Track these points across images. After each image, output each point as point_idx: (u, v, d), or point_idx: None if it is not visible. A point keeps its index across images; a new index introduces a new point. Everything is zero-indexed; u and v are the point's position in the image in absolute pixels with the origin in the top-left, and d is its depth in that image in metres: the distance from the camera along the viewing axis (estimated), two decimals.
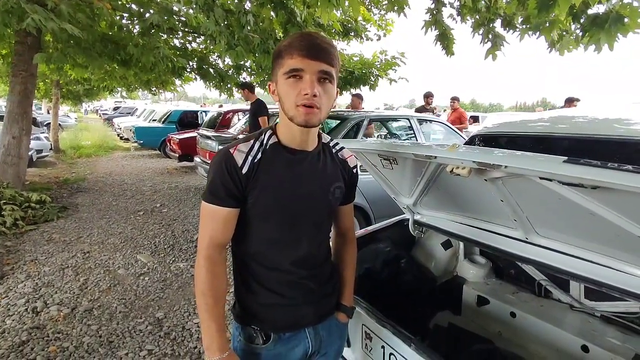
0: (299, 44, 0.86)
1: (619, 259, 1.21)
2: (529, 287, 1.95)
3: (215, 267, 0.94)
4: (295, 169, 0.98)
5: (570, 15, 2.41)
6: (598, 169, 0.79)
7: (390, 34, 7.35)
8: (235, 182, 0.91)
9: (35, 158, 7.97)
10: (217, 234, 0.94)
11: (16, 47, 5.04)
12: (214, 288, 0.93)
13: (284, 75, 0.88)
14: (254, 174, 0.93)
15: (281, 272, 1.00)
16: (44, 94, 11.54)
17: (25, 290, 2.92)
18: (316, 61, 0.86)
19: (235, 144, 0.96)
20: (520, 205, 1.29)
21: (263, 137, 0.98)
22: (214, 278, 0.93)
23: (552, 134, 1.96)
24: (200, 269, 0.94)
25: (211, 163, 0.96)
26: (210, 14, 4.17)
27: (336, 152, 1.11)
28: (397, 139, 4.87)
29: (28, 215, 4.54)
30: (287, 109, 0.90)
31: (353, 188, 1.20)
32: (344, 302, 1.18)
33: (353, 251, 1.26)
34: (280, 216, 0.97)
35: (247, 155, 0.93)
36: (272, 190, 0.95)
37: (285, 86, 0.89)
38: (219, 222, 0.93)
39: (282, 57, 0.89)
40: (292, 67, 0.86)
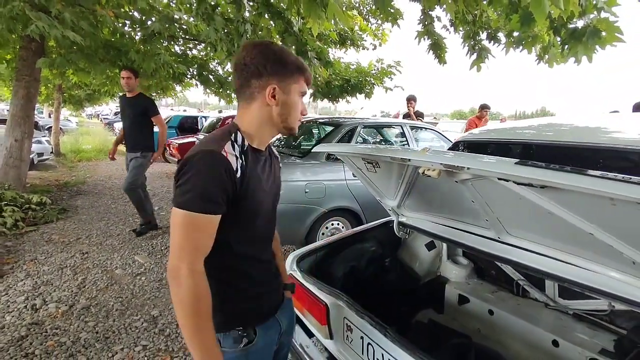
0: (307, 69, 1.04)
1: (580, 256, 1.31)
2: (508, 287, 2.04)
3: (204, 280, 0.88)
4: (264, 169, 1.05)
5: (551, 29, 2.53)
6: (542, 169, 0.89)
7: (387, 43, 7.51)
8: (231, 187, 0.89)
9: (36, 161, 8.07)
10: (205, 244, 0.89)
11: (20, 52, 5.17)
12: (208, 304, 0.87)
13: (299, 92, 1.02)
14: (243, 177, 0.92)
15: (262, 262, 1.09)
16: (45, 98, 11.67)
17: (25, 289, 3.00)
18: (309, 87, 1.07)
19: (221, 146, 0.90)
20: (489, 205, 1.39)
21: (234, 138, 0.95)
22: (207, 293, 0.87)
23: (534, 141, 2.05)
24: (188, 287, 0.84)
25: (199, 166, 0.86)
26: (211, 22, 4.30)
27: (271, 149, 1.18)
28: (391, 145, 4.98)
29: (28, 217, 4.62)
30: (292, 120, 1.02)
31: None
32: (286, 281, 1.29)
33: (278, 238, 1.34)
34: (262, 214, 1.03)
35: (237, 158, 0.91)
36: (257, 191, 0.98)
37: (297, 102, 1.02)
38: (208, 231, 0.88)
39: (300, 75, 1.01)
40: (305, 90, 1.03)
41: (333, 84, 7.23)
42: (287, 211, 3.41)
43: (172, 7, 5.34)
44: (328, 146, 2.29)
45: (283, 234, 3.58)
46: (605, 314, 1.67)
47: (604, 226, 1.03)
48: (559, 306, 1.82)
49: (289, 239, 3.67)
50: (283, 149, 4.41)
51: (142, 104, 4.17)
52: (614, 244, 1.05)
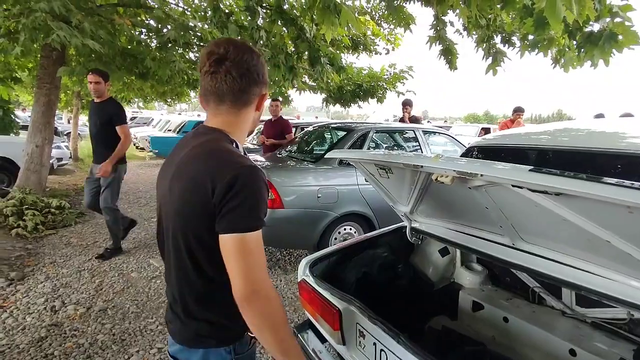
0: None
1: (598, 264, 1.28)
2: (523, 294, 2.01)
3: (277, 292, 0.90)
4: None
5: (566, 33, 2.50)
6: (557, 177, 0.89)
7: (399, 48, 7.51)
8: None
9: (55, 166, 8.27)
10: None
11: (42, 61, 5.33)
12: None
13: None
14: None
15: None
16: (65, 105, 11.99)
17: (45, 290, 3.08)
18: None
19: (247, 158, 0.90)
20: (503, 212, 1.38)
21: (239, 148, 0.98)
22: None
23: (549, 146, 2.03)
24: (276, 301, 0.84)
25: (252, 185, 0.84)
26: (224, 29, 4.38)
27: None
28: (404, 150, 4.96)
29: (48, 220, 4.75)
30: (254, 127, 1.07)
31: None
32: None
33: None
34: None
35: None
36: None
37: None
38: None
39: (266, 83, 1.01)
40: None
41: (345, 88, 7.26)
42: (300, 216, 3.43)
43: (187, 15, 5.45)
44: (340, 152, 2.30)
45: (295, 239, 3.63)
46: (624, 323, 1.63)
47: (621, 234, 1.02)
48: (576, 314, 1.79)
49: (301, 243, 3.69)
50: (296, 154, 4.44)
51: (108, 111, 3.67)
52: (632, 251, 1.03)
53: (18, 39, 3.92)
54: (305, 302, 1.73)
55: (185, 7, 5.80)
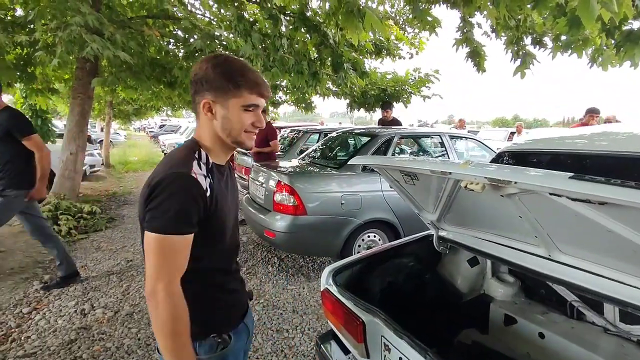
0: (257, 82, 0.97)
1: None
2: (560, 308, 1.89)
3: (181, 302, 0.88)
4: (227, 183, 1.08)
5: (604, 32, 2.37)
6: (602, 185, 0.81)
7: (424, 51, 7.40)
8: (203, 207, 0.92)
9: (88, 172, 8.63)
10: (182, 264, 0.90)
11: (76, 72, 5.58)
12: (186, 324, 0.88)
13: (242, 107, 0.96)
14: (212, 195, 0.95)
15: (232, 272, 1.13)
16: (98, 114, 12.51)
17: (76, 294, 3.17)
18: (264, 99, 1.01)
19: (189, 167, 0.92)
20: (539, 221, 1.29)
21: (198, 156, 0.98)
22: (184, 313, 0.88)
23: (589, 151, 1.90)
24: (166, 309, 0.84)
25: (173, 189, 0.87)
26: (249, 38, 4.44)
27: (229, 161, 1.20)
28: (429, 156, 4.85)
29: (80, 225, 4.93)
30: (236, 134, 0.99)
31: None
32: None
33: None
34: (230, 228, 1.07)
35: (204, 178, 0.94)
36: (224, 207, 1.01)
37: (239, 116, 0.97)
38: (184, 252, 0.90)
39: (239, 88, 0.95)
40: (252, 102, 0.97)
41: (369, 93, 7.21)
42: (323, 223, 3.39)
43: (213, 25, 5.57)
44: (364, 159, 2.26)
45: (318, 246, 3.59)
46: None
47: None
48: (620, 331, 1.66)
49: (325, 251, 3.65)
50: (319, 160, 4.42)
51: (3, 123, 2.83)
52: None
53: (55, 52, 4.11)
54: (329, 312, 1.69)
55: (212, 17, 5.93)
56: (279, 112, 8.38)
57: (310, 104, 7.50)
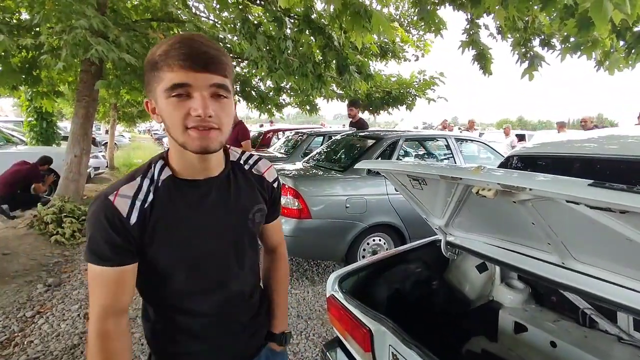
0: (180, 53, 0.67)
1: None
2: (572, 316, 1.84)
3: (112, 345, 0.74)
4: (201, 205, 0.81)
5: (614, 33, 2.33)
6: (624, 192, 0.78)
7: (429, 54, 7.37)
8: (123, 237, 0.73)
9: (93, 175, 8.64)
10: (110, 300, 0.75)
11: (81, 75, 5.59)
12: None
13: (165, 93, 0.69)
14: (147, 222, 0.75)
15: (204, 316, 0.87)
16: (102, 116, 12.57)
17: (79, 297, 3.15)
18: (206, 73, 0.69)
19: (116, 188, 0.76)
20: (552, 228, 1.26)
21: (152, 171, 0.79)
22: (115, 356, 0.74)
23: (597, 155, 1.88)
24: (90, 348, 0.73)
25: (88, 214, 0.76)
26: (253, 41, 4.43)
27: (250, 169, 0.94)
28: (435, 159, 4.81)
29: (84, 228, 4.91)
30: (175, 134, 0.72)
31: (277, 203, 1.03)
32: (274, 330, 1.05)
33: (285, 269, 1.12)
34: (193, 262, 0.82)
35: (133, 200, 0.74)
36: (177, 236, 0.79)
37: (168, 107, 0.70)
38: (110, 285, 0.74)
39: (158, 69, 0.70)
40: (174, 82, 0.68)
41: (374, 96, 7.18)
42: (328, 226, 3.36)
43: (217, 28, 5.57)
44: (371, 163, 2.22)
45: (323, 250, 3.56)
46: None
47: None
48: (635, 341, 1.61)
49: (329, 254, 3.61)
50: (324, 163, 4.39)
51: None
52: None
53: (60, 55, 4.12)
54: (334, 319, 1.66)
55: (216, 20, 5.93)
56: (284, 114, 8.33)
57: (315, 106, 7.48)
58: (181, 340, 0.86)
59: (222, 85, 0.71)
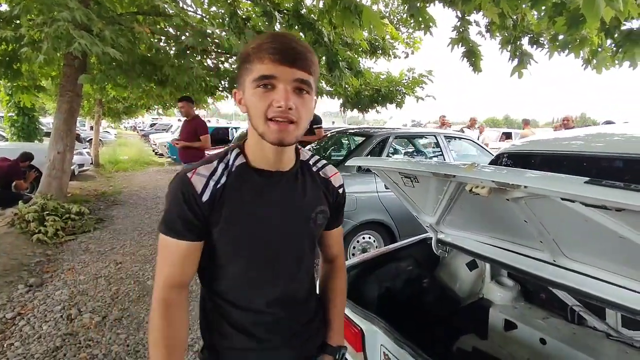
0: (272, 47, 0.73)
1: None
2: (561, 313, 1.86)
3: (171, 312, 0.79)
4: (268, 195, 0.85)
5: (603, 32, 2.34)
6: (621, 190, 0.77)
7: (419, 51, 7.38)
8: (195, 213, 0.78)
9: (77, 172, 8.45)
10: (174, 272, 0.81)
11: (64, 69, 5.43)
12: (168, 338, 0.78)
13: (253, 83, 0.75)
14: (217, 203, 0.80)
15: (256, 313, 0.87)
16: (87, 112, 12.29)
17: (62, 298, 3.06)
18: (292, 68, 0.73)
19: (195, 167, 0.82)
20: (545, 226, 1.25)
21: (228, 157, 0.85)
22: (168, 325, 0.79)
23: (585, 152, 1.88)
24: (153, 313, 0.79)
25: (168, 189, 0.82)
26: (242, 35, 4.36)
27: (317, 171, 0.97)
28: (424, 156, 4.82)
29: (68, 226, 4.79)
30: (256, 123, 0.77)
31: (340, 210, 1.05)
32: (330, 342, 1.03)
33: (342, 281, 1.11)
34: (252, 252, 0.84)
35: (208, 179, 0.80)
36: (240, 222, 0.82)
37: (254, 96, 0.75)
38: (177, 258, 0.80)
39: (250, 62, 0.75)
40: (262, 73, 0.73)
41: (363, 93, 7.16)
42: None
43: (205, 23, 5.47)
44: (362, 160, 2.20)
45: None
46: None
47: None
48: (622, 337, 1.62)
49: (318, 253, 3.58)
50: None
51: None
52: None
53: (41, 48, 3.98)
54: None
55: (204, 15, 5.82)
56: None
57: None
58: (231, 334, 0.87)
59: (305, 81, 0.75)
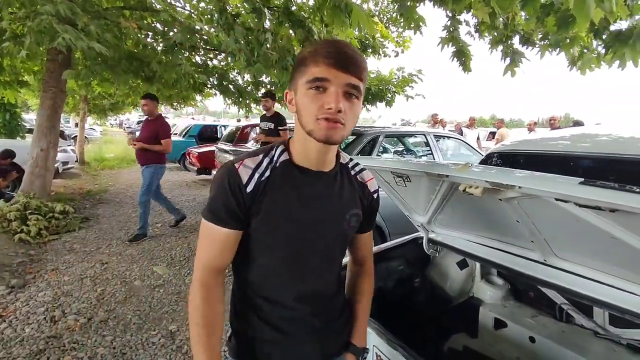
0: (327, 52, 0.76)
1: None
2: (550, 311, 1.87)
3: (211, 294, 0.85)
4: (307, 192, 0.88)
5: (592, 32, 2.37)
6: (616, 191, 0.76)
7: (409, 50, 7.39)
8: (239, 202, 0.82)
9: (61, 169, 8.26)
10: (214, 257, 0.86)
11: (47, 64, 5.28)
12: (208, 317, 0.84)
13: (306, 85, 0.78)
14: (259, 194, 0.83)
15: (283, 307, 0.91)
16: (72, 109, 12.03)
17: (45, 299, 2.98)
18: (344, 73, 0.76)
19: (242, 158, 0.86)
20: (537, 226, 1.25)
21: (273, 152, 0.88)
22: (208, 306, 0.84)
23: (573, 152, 1.90)
24: (194, 294, 0.85)
25: (214, 177, 0.87)
26: (231, 32, 4.29)
27: (355, 175, 1.00)
28: (414, 155, 4.83)
29: (51, 225, 4.68)
30: (306, 122, 0.79)
31: (373, 215, 1.07)
32: (354, 342, 1.05)
33: (370, 284, 1.13)
34: (286, 246, 0.88)
35: (253, 171, 0.84)
36: (278, 215, 0.85)
37: (306, 97, 0.78)
38: (217, 244, 0.85)
39: (305, 65, 0.79)
40: (316, 76, 0.76)
41: None
42: None
43: (194, 18, 5.39)
44: (357, 159, 2.19)
45: None
46: None
47: None
48: (610, 335, 1.64)
49: None
50: None
51: None
52: None
53: (24, 43, 3.87)
54: None
55: (192, 10, 5.73)
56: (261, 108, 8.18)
57: None
58: (259, 326, 0.91)
59: (355, 86, 0.78)
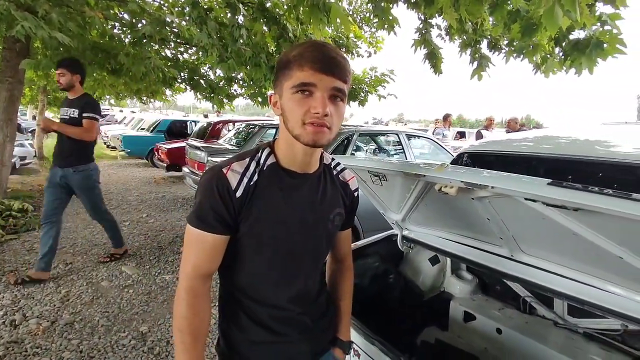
0: (312, 55, 0.76)
1: (600, 277, 1.25)
2: (515, 304, 1.98)
3: (197, 301, 0.84)
4: (294, 195, 0.89)
5: (552, 40, 2.51)
6: (580, 192, 0.83)
7: (381, 51, 7.50)
8: (228, 207, 0.81)
9: (18, 165, 7.81)
10: (201, 263, 0.84)
11: (3, 53, 4.97)
12: (193, 325, 0.83)
13: (292, 89, 0.78)
14: (248, 199, 0.83)
15: (275, 308, 0.92)
16: (29, 100, 11.36)
17: (4, 303, 2.82)
18: (330, 76, 0.76)
19: (229, 162, 0.85)
20: (506, 223, 1.32)
21: (260, 155, 0.88)
22: (194, 314, 0.83)
23: (537, 154, 2.02)
24: (180, 301, 0.83)
25: (200, 182, 0.85)
26: (203, 26, 4.20)
27: (337, 174, 1.01)
28: (386, 154, 4.93)
29: (9, 224, 4.43)
30: (292, 126, 0.79)
31: (353, 213, 1.09)
32: (340, 337, 1.09)
33: (350, 280, 1.17)
34: (276, 249, 0.88)
35: (242, 176, 0.83)
36: (268, 220, 0.85)
37: (292, 102, 0.78)
38: (205, 250, 0.84)
39: (290, 68, 0.78)
40: (302, 80, 0.76)
41: None
42: None
43: (164, 10, 5.23)
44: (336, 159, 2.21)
45: None
46: (618, 334, 1.62)
47: (636, 250, 0.97)
48: (568, 324, 1.76)
49: None
50: None
51: None
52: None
53: None
54: None
55: (162, 2, 5.56)
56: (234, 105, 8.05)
57: (267, 98, 7.31)
58: (249, 328, 0.91)
59: (341, 89, 0.79)
